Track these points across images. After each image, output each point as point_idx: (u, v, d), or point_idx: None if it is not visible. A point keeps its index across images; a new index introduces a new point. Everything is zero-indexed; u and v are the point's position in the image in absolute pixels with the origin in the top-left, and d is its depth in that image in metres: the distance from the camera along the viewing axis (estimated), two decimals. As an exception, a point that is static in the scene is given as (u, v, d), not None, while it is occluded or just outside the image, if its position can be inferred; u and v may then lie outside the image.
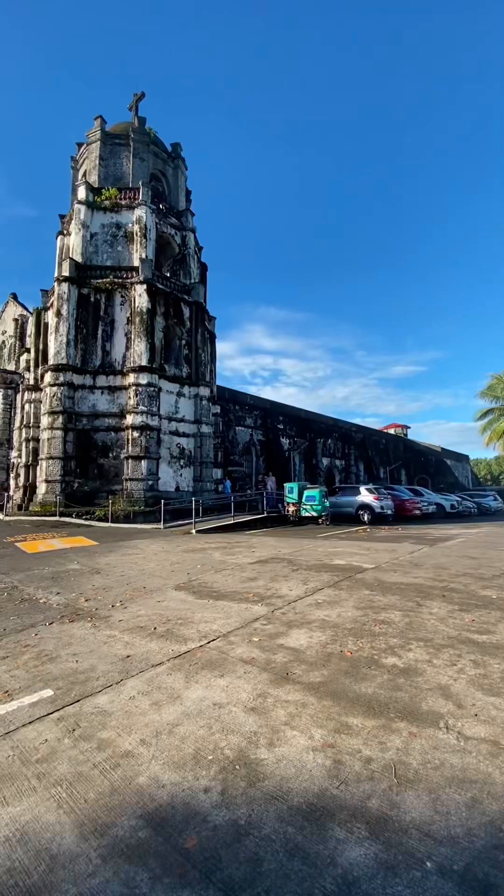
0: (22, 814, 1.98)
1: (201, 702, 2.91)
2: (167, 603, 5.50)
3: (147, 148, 24.67)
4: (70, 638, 4.31)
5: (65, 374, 19.53)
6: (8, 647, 4.12)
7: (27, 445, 22.66)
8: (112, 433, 19.99)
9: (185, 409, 22.23)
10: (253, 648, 3.82)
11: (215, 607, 5.19)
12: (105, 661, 3.68)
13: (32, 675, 3.44)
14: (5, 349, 33.70)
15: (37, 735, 2.60)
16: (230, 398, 31.03)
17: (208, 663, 3.53)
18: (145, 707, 2.87)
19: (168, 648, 3.89)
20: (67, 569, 8.14)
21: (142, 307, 20.52)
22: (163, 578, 7.01)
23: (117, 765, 2.29)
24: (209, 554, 9.43)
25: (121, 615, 5.05)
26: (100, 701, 2.98)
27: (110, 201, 22.11)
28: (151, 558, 9.06)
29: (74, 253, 21.41)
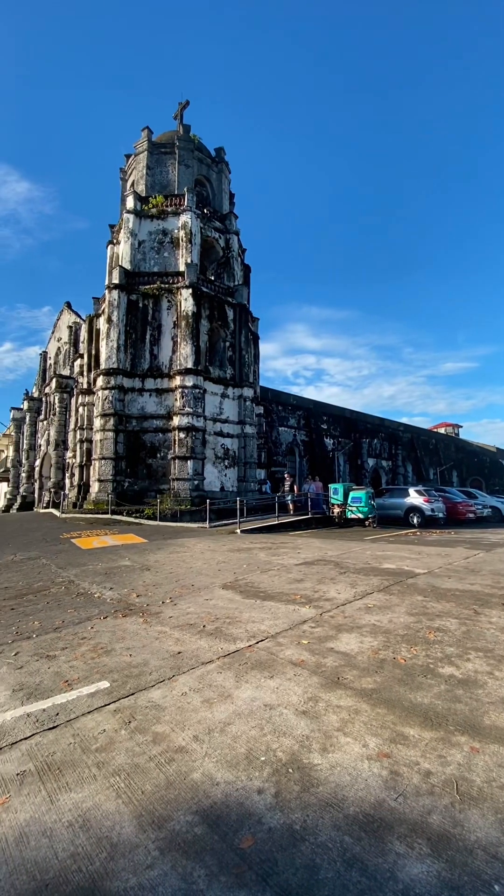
0: (84, 800, 2.06)
1: (252, 702, 2.91)
2: (215, 601, 5.56)
3: (191, 154, 25.19)
4: (123, 632, 4.46)
5: (115, 377, 20.31)
6: (67, 639, 4.32)
7: (81, 446, 23.75)
8: (160, 434, 20.56)
9: (229, 410, 22.47)
10: (302, 651, 3.78)
11: (262, 608, 5.19)
12: (157, 656, 3.77)
13: (90, 667, 3.59)
14: (61, 355, 35.55)
15: (95, 725, 2.71)
16: (273, 399, 31.05)
17: (258, 664, 3.53)
18: (197, 704, 2.91)
19: (217, 647, 3.93)
20: (119, 565, 8.45)
21: (187, 311, 20.96)
22: (210, 577, 7.10)
23: (172, 759, 2.33)
24: (254, 554, 9.45)
25: (171, 612, 5.16)
26: (153, 695, 3.06)
27: (157, 209, 22.78)
28: (198, 557, 9.21)
29: (123, 261, 22.23)
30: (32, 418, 37.33)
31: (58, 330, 37.75)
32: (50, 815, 1.97)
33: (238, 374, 23.04)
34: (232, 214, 25.90)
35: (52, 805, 2.03)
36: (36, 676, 3.46)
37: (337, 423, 36.81)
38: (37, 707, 2.95)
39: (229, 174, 27.78)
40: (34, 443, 36.59)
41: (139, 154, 25.23)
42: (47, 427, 32.40)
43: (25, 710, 2.93)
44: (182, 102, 27.18)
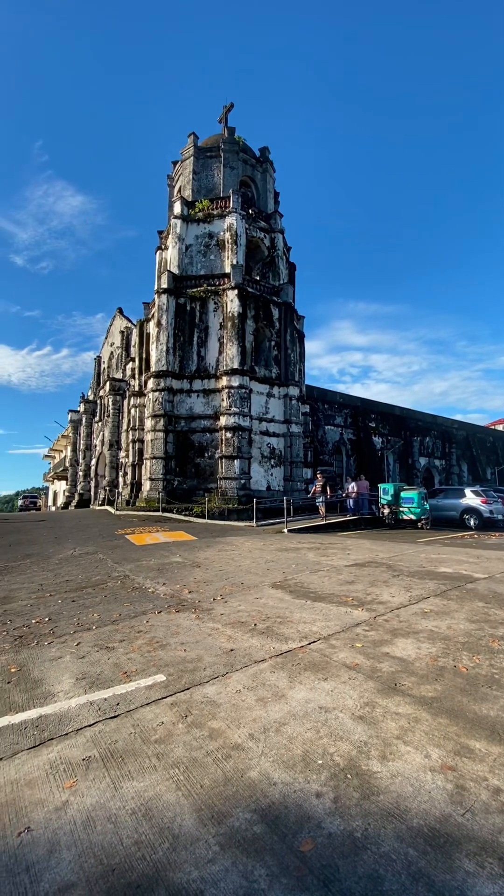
0: (145, 789, 2.12)
1: (306, 703, 2.88)
2: (265, 600, 5.57)
3: (236, 156, 25.37)
4: (177, 627, 4.57)
5: (165, 379, 20.88)
6: (124, 632, 4.49)
7: (133, 446, 24.63)
8: (207, 434, 20.90)
9: (274, 409, 22.43)
10: (356, 654, 3.69)
11: (313, 608, 5.13)
12: (210, 652, 3.83)
13: (146, 660, 3.71)
14: (114, 359, 37.07)
15: (154, 717, 2.78)
16: (319, 397, 30.64)
17: (311, 665, 3.49)
18: (251, 702, 2.92)
19: (269, 646, 3.93)
20: (171, 561, 8.67)
21: (233, 312, 21.15)
22: (259, 576, 7.12)
23: (228, 756, 2.35)
24: (303, 554, 9.38)
25: (222, 609, 5.23)
26: (208, 691, 3.10)
27: (203, 213, 23.15)
28: (247, 555, 9.27)
29: (171, 265, 22.79)
30: (88, 420, 39.19)
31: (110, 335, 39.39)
32: (114, 802, 2.04)
33: (283, 373, 22.95)
34: (277, 213, 25.82)
35: (116, 792, 2.11)
36: (97, 666, 3.62)
37: (386, 421, 35.73)
38: (98, 696, 3.08)
39: (274, 173, 27.71)
40: (90, 443, 38.40)
41: (185, 160, 25.75)
42: (102, 428, 33.88)
43: (88, 698, 3.07)
44: (227, 105, 27.44)
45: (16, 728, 2.72)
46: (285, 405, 22.69)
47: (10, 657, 3.93)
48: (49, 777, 2.24)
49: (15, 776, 2.26)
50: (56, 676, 3.45)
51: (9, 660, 3.87)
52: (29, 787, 2.17)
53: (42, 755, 2.43)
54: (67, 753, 2.43)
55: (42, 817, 1.97)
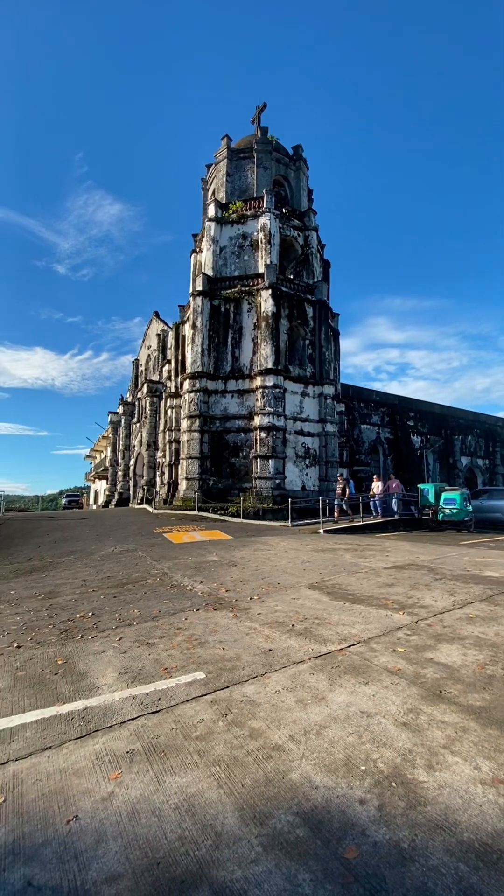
0: (188, 785, 2.14)
1: (347, 707, 2.82)
2: (302, 601, 5.52)
3: (269, 156, 25.36)
4: (215, 626, 4.60)
5: (200, 380, 21.16)
6: (164, 629, 4.57)
7: (170, 447, 25.11)
8: (242, 434, 21.01)
9: (309, 408, 22.25)
10: (398, 659, 3.59)
11: (352, 611, 5.03)
12: (248, 651, 3.83)
13: (186, 657, 3.76)
14: (151, 362, 37.94)
15: (194, 714, 2.81)
16: (354, 395, 30.13)
17: (351, 668, 3.43)
18: (291, 703, 2.89)
19: (308, 647, 3.89)
20: (207, 560, 8.76)
21: (267, 312, 21.15)
22: (295, 576, 7.07)
23: (269, 756, 2.34)
24: (340, 555, 9.24)
25: (259, 608, 5.22)
26: (247, 690, 3.10)
27: (237, 214, 23.29)
28: (282, 555, 9.23)
29: (206, 268, 23.06)
30: (127, 421, 40.31)
31: (147, 338, 40.35)
32: (158, 796, 2.08)
33: (318, 371, 22.73)
34: (310, 211, 25.61)
35: (160, 786, 2.14)
36: (138, 662, 3.70)
37: (425, 420, 34.66)
38: (140, 691, 3.15)
39: (307, 171, 27.50)
40: (129, 444, 39.48)
41: (219, 162, 25.98)
42: (140, 429, 34.75)
43: (130, 692, 3.14)
44: (259, 106, 27.48)
45: (63, 718, 2.82)
46: (320, 404, 22.46)
47: (57, 649, 4.09)
48: (95, 767, 2.30)
49: (63, 765, 2.34)
50: (100, 670, 3.56)
51: (56, 652, 4.03)
52: (77, 776, 2.25)
53: (88, 746, 2.51)
54: (112, 745, 2.50)
55: (89, 807, 2.03)
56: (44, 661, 3.81)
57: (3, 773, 2.29)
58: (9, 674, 3.58)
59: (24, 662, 3.81)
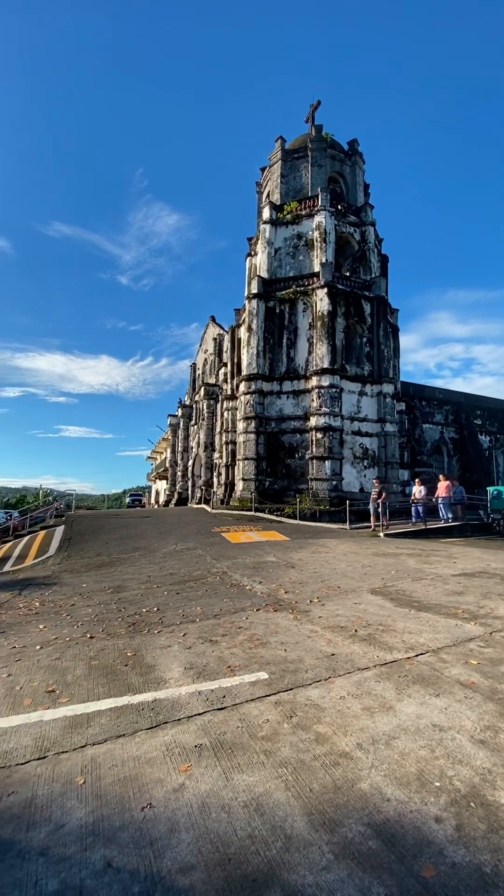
0: (255, 784, 2.15)
1: (418, 719, 2.70)
2: (364, 606, 5.37)
3: (324, 153, 25.04)
4: (276, 626, 4.61)
5: (255, 382, 21.31)
6: (225, 627, 4.64)
7: (226, 448, 25.53)
8: (297, 435, 20.88)
9: (367, 408, 21.65)
10: (471, 671, 3.39)
11: (418, 618, 4.82)
12: (311, 655, 3.79)
13: (248, 657, 3.79)
14: (207, 365, 38.85)
15: (259, 713, 2.83)
16: (415, 394, 28.87)
17: (419, 678, 3.28)
18: (357, 710, 2.82)
19: (372, 654, 3.78)
20: (265, 560, 8.79)
21: (323, 311, 20.88)
22: (356, 580, 6.90)
23: (337, 763, 2.30)
24: (402, 560, 8.90)
25: (319, 612, 5.15)
26: (311, 694, 3.07)
27: (291, 214, 23.23)
28: (341, 558, 9.05)
29: (261, 270, 23.21)
30: (185, 423, 41.53)
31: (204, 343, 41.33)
32: (226, 793, 2.11)
33: (376, 369, 22.06)
34: (367, 206, 24.94)
35: (228, 783, 2.17)
36: (202, 658, 3.78)
37: (493, 418, 32.49)
38: (206, 687, 3.22)
39: (363, 165, 26.82)
40: (187, 445, 40.64)
41: (273, 164, 26.06)
42: (197, 431, 35.67)
43: (196, 687, 3.22)
44: (313, 104, 27.22)
45: (134, 708, 2.95)
46: (379, 403, 21.79)
47: (126, 642, 4.29)
48: (166, 758, 2.38)
49: (136, 753, 2.45)
50: (166, 664, 3.68)
51: (125, 644, 4.23)
52: (149, 765, 2.34)
53: (158, 737, 2.60)
54: (181, 738, 2.57)
55: (162, 796, 2.10)
56: (115, 653, 4.01)
57: (83, 756, 2.44)
58: (84, 662, 3.81)
59: (97, 652, 4.03)
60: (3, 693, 3.28)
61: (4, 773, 2.32)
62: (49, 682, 3.43)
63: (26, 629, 4.92)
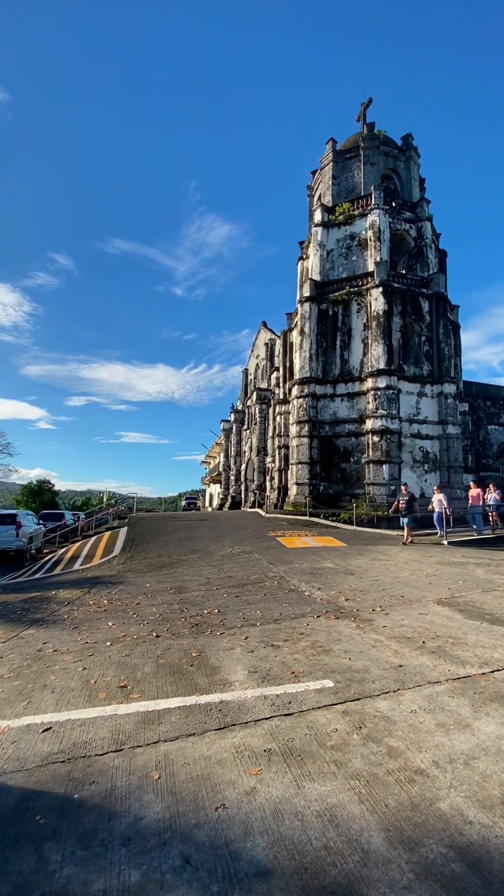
0: (327, 795, 2.12)
1: (498, 740, 2.54)
2: (431, 617, 5.14)
3: (376, 151, 24.51)
4: (338, 634, 4.52)
5: (308, 386, 21.16)
6: (286, 632, 4.63)
7: (279, 452, 25.52)
8: (352, 438, 20.45)
9: (427, 409, 20.77)
10: None
11: (492, 632, 4.54)
12: (377, 665, 3.68)
13: (312, 663, 3.75)
14: (259, 370, 39.15)
15: (327, 722, 2.79)
16: (479, 393, 27.28)
17: (497, 696, 3.08)
18: (430, 726, 2.70)
19: (443, 668, 3.60)
20: (323, 566, 8.67)
21: (378, 310, 20.36)
22: (420, 590, 6.62)
23: (412, 780, 2.21)
24: (469, 569, 8.42)
25: (383, 621, 5.00)
26: (380, 706, 2.98)
27: (343, 215, 22.92)
28: (403, 567, 8.72)
29: (313, 273, 23.07)
30: (238, 428, 42.07)
31: (256, 348, 41.72)
32: (298, 800, 2.09)
33: (437, 369, 21.13)
34: (423, 201, 24.07)
35: (299, 790, 2.16)
36: (265, 662, 3.80)
37: None
38: (271, 691, 3.22)
39: (419, 159, 25.93)
40: (240, 450, 41.13)
41: (325, 167, 25.88)
42: (250, 435, 35.97)
43: (262, 691, 3.23)
44: (364, 102, 26.76)
45: (202, 708, 3.01)
46: (439, 404, 20.84)
47: (190, 642, 4.40)
48: (236, 760, 2.41)
49: (207, 753, 2.50)
50: (230, 666, 3.73)
51: (189, 644, 4.34)
52: (220, 765, 2.38)
53: (227, 738, 2.64)
54: (249, 742, 2.59)
55: (234, 798, 2.13)
56: (180, 652, 4.13)
57: (156, 752, 2.52)
58: (151, 660, 3.95)
59: (163, 651, 4.17)
60: (80, 686, 3.47)
61: (85, 762, 2.46)
62: (121, 677, 3.60)
63: (97, 625, 5.19)
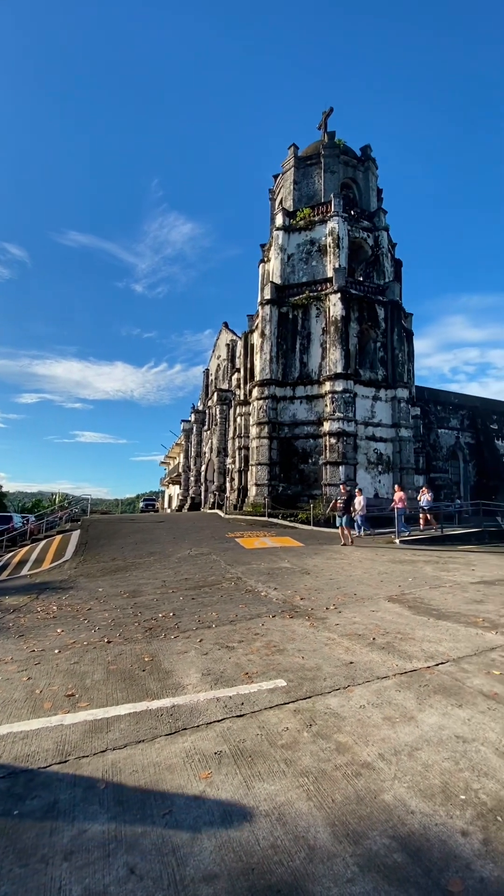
0: (276, 794, 2.14)
1: (440, 730, 2.66)
2: (381, 614, 5.31)
3: (337, 160, 25.14)
4: (292, 633, 4.58)
5: (268, 388, 21.35)
6: (241, 633, 4.63)
7: (240, 453, 25.57)
8: (311, 440, 20.83)
9: (381, 412, 21.52)
10: (494, 682, 3.31)
11: (437, 627, 4.75)
12: (329, 663, 3.75)
13: (265, 663, 3.77)
14: (220, 371, 39.06)
15: (278, 721, 2.81)
16: (430, 398, 28.62)
17: (441, 688, 3.22)
18: (378, 720, 2.78)
19: (391, 663, 3.72)
20: (280, 566, 8.76)
21: (336, 316, 20.86)
22: (372, 587, 6.83)
23: (359, 773, 2.27)
24: (419, 567, 8.77)
25: (336, 619, 5.11)
26: (330, 702, 3.04)
27: (304, 220, 23.34)
28: (357, 565, 8.97)
29: (274, 276, 23.31)
30: (198, 429, 41.77)
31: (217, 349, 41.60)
32: (248, 801, 2.09)
33: (391, 374, 21.94)
34: (380, 211, 24.95)
35: (249, 791, 2.16)
36: (219, 664, 3.78)
37: (511, 422, 31.96)
38: (223, 693, 3.21)
39: (376, 170, 26.85)
40: (200, 450, 40.85)
41: (286, 172, 26.24)
42: (210, 436, 35.83)
43: (214, 694, 3.21)
44: (325, 111, 27.38)
45: (153, 714, 2.96)
46: (393, 408, 21.65)
47: (143, 647, 4.31)
48: (186, 765, 2.38)
49: (156, 759, 2.45)
50: (184, 670, 3.69)
51: (142, 649, 4.24)
52: (169, 771, 2.34)
53: (178, 743, 2.60)
54: (200, 745, 2.57)
55: (183, 803, 2.10)
56: (132, 657, 4.03)
57: (103, 761, 2.45)
58: (102, 667, 3.83)
59: (114, 657, 4.06)
60: (24, 696, 3.32)
61: (27, 776, 2.35)
62: (68, 685, 3.46)
63: (45, 633, 4.98)
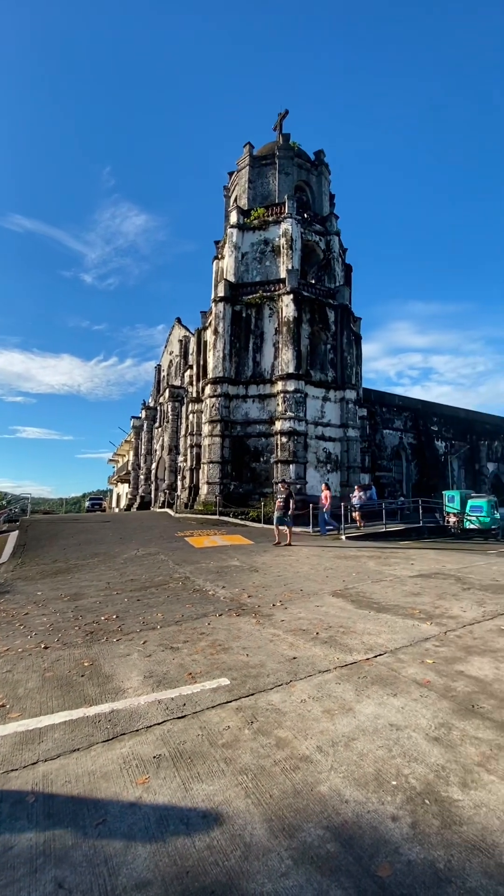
0: (215, 793, 2.12)
1: (376, 719, 2.76)
2: (325, 609, 5.45)
3: (291, 162, 25.47)
4: (238, 631, 4.58)
5: (221, 385, 21.28)
6: (187, 633, 4.58)
7: (191, 451, 25.31)
8: (263, 439, 21.01)
9: (330, 413, 22.10)
10: (427, 670, 3.50)
11: (377, 620, 4.94)
12: (272, 659, 3.79)
13: (210, 663, 3.74)
14: (173, 367, 38.44)
15: (220, 720, 2.80)
16: (376, 400, 29.77)
17: (378, 679, 3.35)
18: (317, 713, 2.85)
19: (333, 656, 3.83)
20: (229, 565, 8.76)
21: (288, 317, 21.16)
22: (318, 583, 6.99)
23: (297, 767, 2.30)
24: (363, 562, 9.10)
25: (282, 615, 5.18)
26: (272, 698, 3.07)
27: (258, 220, 23.44)
28: (304, 562, 9.15)
29: (228, 274, 23.25)
30: (149, 426, 40.87)
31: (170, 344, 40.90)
32: (185, 803, 2.06)
33: (340, 376, 22.57)
34: (332, 216, 25.56)
35: (187, 793, 2.13)
36: (163, 666, 3.71)
37: (449, 425, 33.99)
38: (166, 695, 3.15)
39: (329, 175, 27.48)
40: (151, 448, 39.99)
41: (241, 170, 26.24)
42: (161, 433, 35.17)
43: (156, 696, 3.14)
44: (281, 113, 27.63)
45: (90, 720, 2.85)
46: (342, 409, 22.29)
47: (83, 651, 4.14)
48: (123, 772, 2.31)
49: (91, 767, 2.36)
50: (125, 673, 3.58)
51: (82, 654, 4.08)
52: (105, 779, 2.26)
53: (115, 749, 2.52)
54: (139, 750, 2.50)
55: (117, 811, 2.03)
56: (70, 663, 3.86)
57: (34, 774, 2.32)
58: (37, 674, 3.64)
59: (51, 663, 3.87)
60: None
61: None
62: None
63: (-25, 641, 4.65)
